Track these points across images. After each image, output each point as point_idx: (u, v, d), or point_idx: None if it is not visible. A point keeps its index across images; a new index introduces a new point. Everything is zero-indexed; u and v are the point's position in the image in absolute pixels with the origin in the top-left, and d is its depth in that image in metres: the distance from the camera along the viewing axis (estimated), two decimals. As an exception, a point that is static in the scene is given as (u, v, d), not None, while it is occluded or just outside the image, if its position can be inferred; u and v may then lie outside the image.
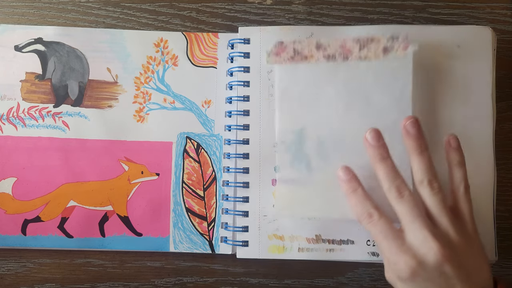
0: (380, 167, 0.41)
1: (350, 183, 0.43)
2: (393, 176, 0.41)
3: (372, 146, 0.42)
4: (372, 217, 0.41)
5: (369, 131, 0.42)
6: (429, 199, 0.40)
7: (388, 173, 0.41)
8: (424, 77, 0.48)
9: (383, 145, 0.42)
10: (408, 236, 0.39)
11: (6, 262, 0.50)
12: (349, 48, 0.46)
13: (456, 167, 0.42)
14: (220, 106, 0.50)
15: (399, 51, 0.45)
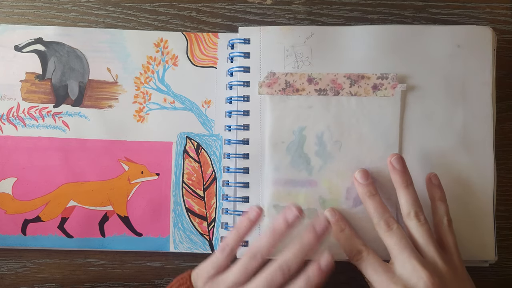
0: (370, 202, 0.45)
1: (338, 224, 0.46)
2: (381, 211, 0.44)
3: (361, 184, 0.45)
4: (361, 253, 0.43)
5: (358, 171, 0.46)
6: (416, 230, 0.43)
7: (376, 208, 0.44)
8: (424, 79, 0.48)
9: (371, 183, 0.45)
10: (398, 268, 0.41)
11: (6, 262, 0.50)
12: (340, 84, 0.47)
13: (438, 202, 0.45)
14: (220, 106, 0.50)
15: (388, 89, 0.47)
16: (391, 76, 0.48)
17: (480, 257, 0.47)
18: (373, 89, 0.48)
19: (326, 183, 0.47)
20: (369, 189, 0.45)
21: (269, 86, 0.48)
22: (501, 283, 0.50)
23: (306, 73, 0.48)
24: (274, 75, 0.48)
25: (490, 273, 0.50)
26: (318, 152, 0.48)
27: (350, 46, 0.48)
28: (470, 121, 0.48)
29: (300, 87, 0.48)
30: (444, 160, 0.47)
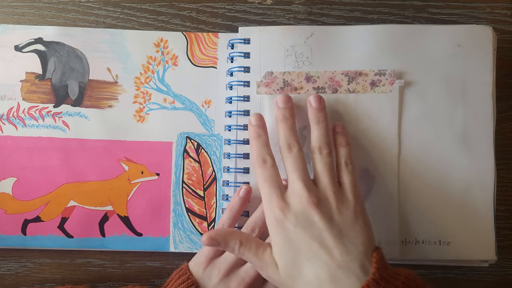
0: (281, 125, 0.44)
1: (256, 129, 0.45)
2: (288, 134, 0.43)
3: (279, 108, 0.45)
4: (266, 163, 0.42)
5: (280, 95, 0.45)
6: (317, 162, 0.42)
7: (285, 131, 0.44)
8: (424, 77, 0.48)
9: (289, 108, 0.45)
10: (288, 187, 0.41)
11: (6, 262, 0.50)
12: (338, 81, 0.47)
13: (340, 147, 0.44)
14: (220, 106, 0.50)
15: (386, 85, 0.47)
16: (388, 72, 0.48)
17: (480, 257, 0.47)
18: (371, 85, 0.48)
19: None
20: (284, 113, 0.44)
21: (267, 85, 0.48)
22: (501, 283, 0.50)
23: (304, 71, 0.48)
24: (272, 74, 0.48)
25: (490, 273, 0.50)
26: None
27: (350, 46, 0.48)
28: (470, 120, 0.48)
29: (298, 85, 0.48)
30: (444, 160, 0.47)
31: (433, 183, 0.47)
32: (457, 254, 0.47)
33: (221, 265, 0.44)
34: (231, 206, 0.46)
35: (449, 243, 0.47)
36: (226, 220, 0.46)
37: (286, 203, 0.40)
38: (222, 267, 0.44)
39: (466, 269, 0.50)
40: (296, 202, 0.40)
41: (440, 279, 0.50)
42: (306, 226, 0.39)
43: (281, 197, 0.40)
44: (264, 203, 0.41)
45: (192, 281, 0.44)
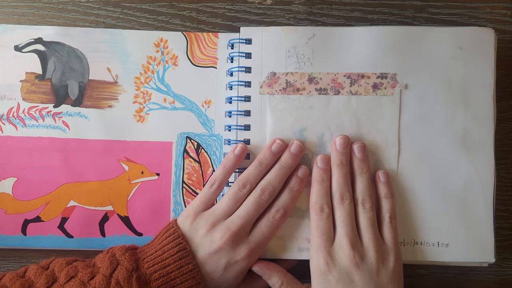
0: (336, 171, 0.45)
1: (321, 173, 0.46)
2: (342, 183, 0.45)
3: (337, 151, 0.46)
4: (323, 212, 0.44)
5: (339, 136, 0.46)
6: (360, 216, 0.45)
7: (339, 179, 0.45)
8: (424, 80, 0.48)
9: (347, 153, 0.46)
10: (335, 240, 0.43)
11: (6, 262, 0.50)
12: (341, 83, 0.47)
13: (384, 199, 0.46)
14: (220, 106, 0.50)
15: (388, 88, 0.47)
16: (390, 75, 0.48)
17: (478, 259, 0.47)
18: (373, 88, 0.48)
19: (326, 183, 0.47)
20: (341, 158, 0.45)
21: (270, 86, 0.48)
22: (500, 283, 0.50)
23: (307, 72, 0.48)
24: (275, 75, 0.48)
25: (490, 273, 0.50)
26: (319, 152, 0.48)
27: (352, 47, 0.48)
28: (471, 122, 0.48)
29: (300, 86, 0.48)
30: (444, 160, 0.47)
31: (433, 185, 0.47)
32: (456, 256, 0.47)
33: (208, 217, 0.44)
34: (225, 163, 0.46)
35: (448, 245, 0.47)
36: (218, 176, 0.46)
37: (332, 258, 0.42)
38: (209, 219, 0.44)
39: (466, 269, 0.50)
40: (341, 259, 0.42)
41: (440, 279, 0.50)
42: (347, 283, 0.42)
43: (329, 250, 0.43)
44: (312, 249, 0.44)
45: (179, 233, 0.43)
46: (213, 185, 0.45)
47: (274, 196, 0.45)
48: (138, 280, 0.40)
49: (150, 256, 0.42)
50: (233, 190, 0.45)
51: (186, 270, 0.42)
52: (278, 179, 0.45)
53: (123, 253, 0.42)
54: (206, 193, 0.45)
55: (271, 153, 0.46)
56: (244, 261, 0.44)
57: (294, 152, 0.46)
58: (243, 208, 0.44)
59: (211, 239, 0.43)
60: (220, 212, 0.44)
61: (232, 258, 0.43)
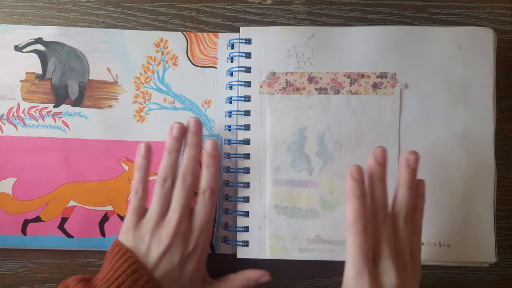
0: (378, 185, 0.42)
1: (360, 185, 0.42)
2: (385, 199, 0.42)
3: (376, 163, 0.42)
4: (366, 231, 0.40)
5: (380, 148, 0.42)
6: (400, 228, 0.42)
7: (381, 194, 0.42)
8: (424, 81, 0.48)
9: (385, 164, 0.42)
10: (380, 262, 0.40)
11: (6, 262, 0.50)
12: (340, 82, 0.47)
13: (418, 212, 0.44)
14: (220, 106, 0.50)
15: (388, 88, 0.47)
16: (390, 75, 0.48)
17: (480, 259, 0.47)
18: (373, 87, 0.48)
19: (327, 183, 0.47)
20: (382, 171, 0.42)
21: (270, 85, 0.48)
22: (501, 283, 0.50)
23: (307, 72, 0.48)
24: (274, 74, 0.48)
25: (490, 273, 0.50)
26: (319, 152, 0.48)
27: (351, 47, 0.48)
28: (471, 122, 0.48)
29: (300, 86, 0.48)
30: (444, 160, 0.47)
31: (433, 184, 0.47)
32: (457, 256, 0.47)
33: (147, 223, 0.43)
34: (137, 168, 0.45)
35: (449, 245, 0.47)
36: (137, 183, 0.45)
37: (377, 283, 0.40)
38: (149, 224, 0.43)
39: (466, 269, 0.50)
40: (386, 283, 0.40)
41: (440, 279, 0.50)
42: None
43: (373, 275, 0.40)
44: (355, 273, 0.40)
45: (125, 249, 0.42)
46: (137, 192, 0.44)
47: (196, 178, 0.45)
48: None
49: (103, 279, 0.41)
50: (158, 188, 0.44)
51: (142, 282, 0.40)
52: (191, 160, 0.45)
53: (76, 284, 0.40)
54: (134, 202, 0.44)
55: (174, 139, 0.45)
56: (197, 252, 0.43)
57: (194, 130, 0.45)
58: (174, 201, 0.44)
59: (158, 241, 0.42)
60: (155, 214, 0.43)
61: (184, 251, 0.43)
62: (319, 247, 0.47)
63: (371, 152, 0.42)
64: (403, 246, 0.41)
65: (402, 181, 0.42)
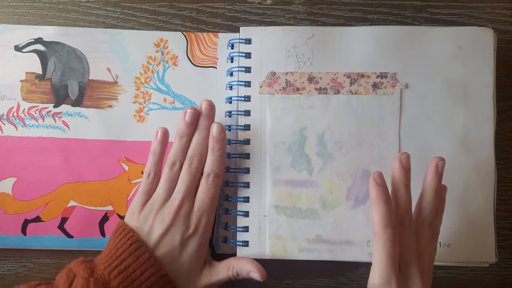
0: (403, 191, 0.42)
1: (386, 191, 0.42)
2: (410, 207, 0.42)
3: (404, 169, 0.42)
4: (395, 239, 0.40)
5: (405, 154, 0.42)
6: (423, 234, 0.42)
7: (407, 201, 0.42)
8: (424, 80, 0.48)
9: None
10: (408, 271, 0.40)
11: (6, 262, 0.50)
12: (340, 82, 0.47)
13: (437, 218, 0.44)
14: (220, 106, 0.50)
15: (388, 87, 0.47)
16: (390, 75, 0.48)
17: (480, 259, 0.47)
18: (373, 87, 0.48)
19: (327, 183, 0.48)
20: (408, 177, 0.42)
21: (270, 85, 0.48)
22: (501, 283, 0.50)
23: (307, 72, 0.48)
24: (274, 74, 0.48)
25: (490, 273, 0.50)
26: (319, 152, 0.48)
27: (351, 47, 0.48)
28: (471, 122, 0.48)
29: (300, 86, 0.48)
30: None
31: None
32: (457, 257, 0.47)
33: (152, 204, 0.44)
34: (153, 152, 0.46)
35: (449, 245, 0.47)
36: (151, 166, 0.46)
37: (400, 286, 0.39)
38: (154, 205, 0.44)
39: (466, 269, 0.50)
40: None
41: (440, 279, 0.50)
42: None
43: (400, 281, 0.39)
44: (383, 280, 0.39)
45: (128, 229, 0.43)
46: (149, 175, 0.46)
47: (203, 161, 0.46)
48: (96, 283, 0.39)
49: (105, 257, 0.42)
50: (166, 171, 0.45)
51: (143, 259, 0.41)
52: (199, 144, 0.46)
53: (79, 265, 0.41)
54: (144, 185, 0.46)
55: (187, 125, 0.46)
56: (197, 234, 0.44)
57: (206, 113, 0.46)
58: (180, 182, 0.45)
59: (161, 220, 0.43)
60: (161, 195, 0.45)
61: (185, 233, 0.43)
62: (319, 247, 0.47)
63: (396, 157, 0.42)
64: (424, 251, 0.41)
65: (430, 187, 0.42)
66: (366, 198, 0.47)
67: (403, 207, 0.41)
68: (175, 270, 0.42)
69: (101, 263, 0.41)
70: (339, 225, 0.47)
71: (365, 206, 0.47)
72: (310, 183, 0.48)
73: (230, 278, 0.44)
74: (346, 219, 0.47)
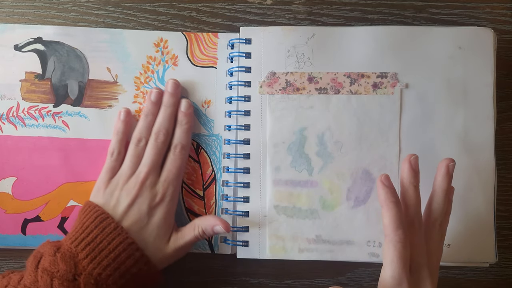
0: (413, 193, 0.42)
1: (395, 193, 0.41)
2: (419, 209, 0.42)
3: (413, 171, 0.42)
4: (407, 239, 0.40)
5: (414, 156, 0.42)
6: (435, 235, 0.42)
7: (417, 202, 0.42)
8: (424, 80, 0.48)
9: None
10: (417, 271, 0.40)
11: (6, 262, 0.50)
12: (340, 82, 0.47)
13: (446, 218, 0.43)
14: (220, 106, 0.50)
15: (388, 87, 0.47)
16: (390, 75, 0.48)
17: (480, 259, 0.47)
18: (373, 87, 0.48)
19: (327, 183, 0.47)
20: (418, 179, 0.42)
21: (270, 85, 0.48)
22: (501, 283, 0.50)
23: (307, 72, 0.48)
24: (274, 74, 0.48)
25: (490, 273, 0.50)
26: (319, 152, 0.48)
27: (351, 47, 0.48)
28: (471, 122, 0.48)
29: (300, 86, 0.48)
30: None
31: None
32: (457, 257, 0.47)
33: (118, 179, 0.46)
34: (116, 131, 0.48)
35: (449, 245, 0.47)
36: (114, 145, 0.48)
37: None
38: (120, 180, 0.46)
39: (467, 269, 0.50)
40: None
41: (440, 279, 0.50)
42: None
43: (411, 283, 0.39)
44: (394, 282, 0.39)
45: (93, 205, 0.44)
46: (113, 154, 0.47)
47: (169, 136, 0.47)
48: (63, 258, 0.40)
49: (71, 234, 0.43)
50: (131, 148, 0.47)
51: (110, 229, 0.42)
52: (166, 120, 0.47)
53: (46, 245, 0.42)
54: (108, 163, 0.47)
55: (152, 103, 0.48)
56: (164, 203, 0.45)
57: (171, 91, 0.48)
58: (145, 156, 0.46)
59: (127, 193, 0.45)
60: (127, 170, 0.46)
61: (152, 201, 0.45)
62: (319, 247, 0.47)
63: (405, 159, 0.42)
64: (433, 253, 0.41)
65: (441, 188, 0.42)
66: (366, 198, 0.47)
67: (413, 209, 0.41)
68: (143, 239, 0.44)
69: (67, 239, 0.42)
70: (339, 225, 0.47)
71: (365, 206, 0.47)
72: (310, 183, 0.47)
73: (197, 237, 0.45)
74: (346, 219, 0.47)
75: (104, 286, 0.41)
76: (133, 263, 0.42)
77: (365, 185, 0.48)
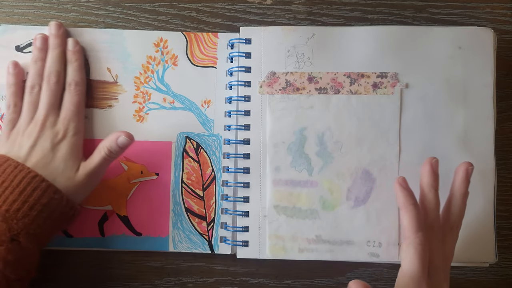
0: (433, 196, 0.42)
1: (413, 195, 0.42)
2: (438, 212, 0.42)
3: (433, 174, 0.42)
4: (427, 242, 0.40)
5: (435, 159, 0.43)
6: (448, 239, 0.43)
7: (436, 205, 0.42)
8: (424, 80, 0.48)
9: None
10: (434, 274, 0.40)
11: None
12: (340, 82, 0.47)
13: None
14: (220, 106, 0.50)
15: (388, 87, 0.47)
16: (390, 75, 0.48)
17: (480, 259, 0.47)
18: (373, 87, 0.48)
19: (327, 183, 0.47)
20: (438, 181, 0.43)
21: (270, 85, 0.48)
22: (501, 283, 0.50)
23: (306, 72, 0.48)
24: (274, 74, 0.48)
25: (490, 273, 0.50)
26: (319, 152, 0.48)
27: (352, 47, 0.48)
28: (471, 122, 0.48)
29: (300, 86, 0.48)
30: (444, 160, 0.47)
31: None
32: (457, 257, 0.47)
33: (19, 128, 0.46)
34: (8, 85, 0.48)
35: (450, 245, 0.47)
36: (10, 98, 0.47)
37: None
38: (20, 128, 0.46)
39: (467, 269, 0.50)
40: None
41: (440, 279, 0.50)
42: None
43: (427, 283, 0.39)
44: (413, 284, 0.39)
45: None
46: (10, 107, 0.47)
47: (61, 77, 0.48)
48: None
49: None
50: (26, 96, 0.47)
51: (11, 169, 0.43)
52: (55, 61, 0.48)
53: None
54: (7, 115, 0.47)
55: (38, 49, 0.48)
56: (67, 138, 0.46)
57: (54, 33, 0.48)
58: (41, 100, 0.47)
59: (28, 136, 0.45)
60: (25, 117, 0.47)
61: (54, 139, 0.46)
62: (319, 247, 0.47)
63: (426, 162, 0.43)
64: (449, 256, 0.42)
65: (460, 192, 0.42)
66: (366, 198, 0.47)
67: (432, 212, 0.42)
68: (51, 173, 0.44)
69: None
70: (339, 225, 0.47)
71: (365, 206, 0.47)
72: (310, 183, 0.47)
73: (105, 158, 0.46)
74: (346, 219, 0.47)
75: (14, 221, 0.41)
76: (41, 193, 0.42)
77: (365, 185, 0.48)
